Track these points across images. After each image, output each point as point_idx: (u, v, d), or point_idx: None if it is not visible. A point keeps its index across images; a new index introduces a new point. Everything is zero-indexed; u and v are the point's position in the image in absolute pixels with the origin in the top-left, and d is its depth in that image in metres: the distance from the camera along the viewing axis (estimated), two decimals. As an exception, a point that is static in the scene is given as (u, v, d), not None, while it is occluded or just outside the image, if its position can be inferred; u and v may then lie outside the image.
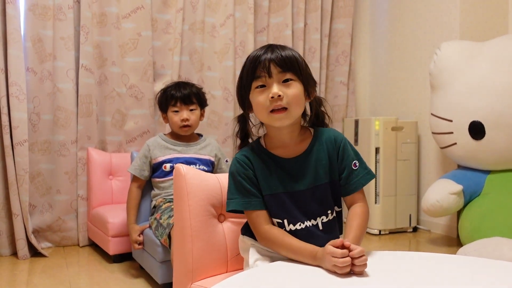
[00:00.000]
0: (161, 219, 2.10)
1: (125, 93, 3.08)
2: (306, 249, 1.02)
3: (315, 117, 1.21)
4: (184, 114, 2.29)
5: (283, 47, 1.10)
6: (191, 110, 2.31)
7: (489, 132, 2.58)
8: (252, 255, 1.18)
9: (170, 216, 2.05)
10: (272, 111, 1.07)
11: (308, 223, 1.13)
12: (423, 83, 3.31)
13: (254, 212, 1.13)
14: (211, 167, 2.38)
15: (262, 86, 1.08)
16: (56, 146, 2.89)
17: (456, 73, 2.73)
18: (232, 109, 3.39)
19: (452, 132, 2.73)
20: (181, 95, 2.29)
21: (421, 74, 3.35)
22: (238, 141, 1.24)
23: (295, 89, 1.08)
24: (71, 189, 2.93)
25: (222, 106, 3.36)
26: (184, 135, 2.34)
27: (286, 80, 1.07)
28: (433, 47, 3.13)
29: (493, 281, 0.89)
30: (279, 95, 1.05)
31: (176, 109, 2.30)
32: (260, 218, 1.12)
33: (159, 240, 2.08)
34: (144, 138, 3.06)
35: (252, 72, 1.08)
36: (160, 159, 2.30)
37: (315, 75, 3.40)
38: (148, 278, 2.32)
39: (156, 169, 2.33)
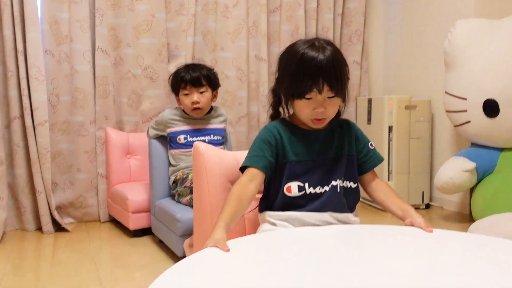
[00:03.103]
0: (191, 184, 2.19)
1: (140, 74, 3.13)
2: (219, 217, 1.09)
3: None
4: (194, 97, 2.35)
5: (334, 68, 1.13)
6: (201, 92, 2.37)
7: (503, 110, 2.58)
8: (264, 227, 1.24)
9: None
10: (313, 120, 1.19)
11: (327, 187, 1.20)
12: (437, 61, 3.30)
13: (253, 168, 1.18)
14: (224, 133, 2.49)
15: (310, 98, 1.15)
16: (75, 127, 2.97)
17: (471, 51, 2.72)
18: (246, 89, 3.43)
19: (466, 110, 2.74)
20: (190, 78, 2.35)
21: (435, 52, 3.34)
22: (271, 111, 1.32)
23: (336, 106, 1.19)
24: (91, 167, 3.02)
25: (236, 86, 3.39)
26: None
27: (331, 97, 1.16)
28: (447, 25, 3.11)
29: (501, 260, 0.93)
30: (324, 107, 1.16)
31: (186, 92, 2.36)
32: (249, 172, 1.17)
33: (180, 201, 2.28)
34: (159, 118, 3.13)
35: (305, 86, 1.13)
36: (174, 129, 2.38)
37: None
38: (168, 251, 2.41)
39: (171, 140, 2.41)
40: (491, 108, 2.61)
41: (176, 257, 2.28)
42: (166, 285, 0.78)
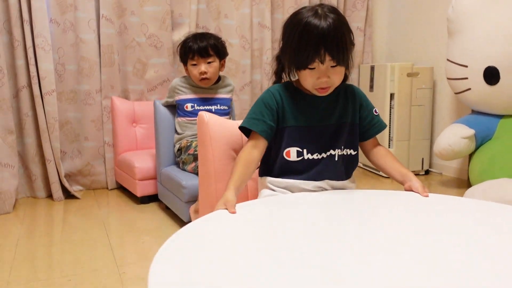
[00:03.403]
0: (195, 151, 2.26)
1: (145, 42, 3.15)
2: (229, 182, 1.15)
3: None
4: (202, 68, 2.38)
5: (336, 36, 1.12)
6: (209, 62, 2.40)
7: (504, 77, 2.61)
8: (264, 193, 1.31)
9: None
10: (318, 89, 1.19)
11: (324, 155, 1.24)
12: (440, 29, 3.30)
13: (254, 133, 1.23)
14: (230, 103, 2.56)
15: (313, 68, 1.16)
16: (82, 96, 3.02)
17: (474, 18, 2.72)
18: (249, 57, 3.45)
19: (467, 78, 2.77)
20: (198, 48, 2.37)
21: (439, 20, 3.33)
22: (274, 78, 1.33)
23: (340, 74, 1.19)
24: (98, 136, 3.09)
25: (240, 55, 3.41)
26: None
27: (334, 66, 1.16)
28: (451, -10, 3.10)
29: (492, 223, 0.99)
30: (328, 76, 1.16)
31: (194, 62, 2.39)
32: (254, 140, 1.22)
33: (185, 169, 2.36)
34: (164, 87, 3.17)
35: (307, 56, 1.14)
36: (182, 97, 2.44)
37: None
38: (174, 217, 2.51)
39: (178, 107, 2.47)
40: (491, 75, 2.63)
41: (182, 223, 2.38)
42: (174, 247, 0.84)
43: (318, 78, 1.16)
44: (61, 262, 1.95)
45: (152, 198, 2.80)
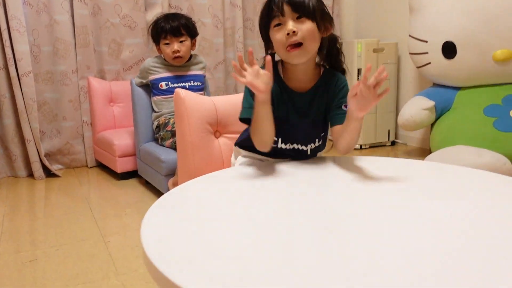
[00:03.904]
0: (173, 128, 2.38)
1: (119, 23, 3.21)
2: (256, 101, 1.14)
3: (329, 55, 1.29)
4: (175, 46, 2.49)
5: None
6: (181, 41, 2.50)
7: (460, 51, 2.79)
8: (239, 160, 1.43)
9: None
10: (289, 48, 1.15)
11: (297, 146, 1.31)
12: (404, 6, 3.45)
13: None
14: (203, 80, 2.67)
15: (279, 24, 1.15)
16: (58, 76, 3.08)
17: (433, -4, 2.88)
18: (222, 36, 3.54)
19: (427, 52, 2.94)
20: (170, 28, 2.47)
21: (402, -4, 3.49)
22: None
23: (309, 25, 1.14)
24: (76, 115, 3.16)
25: (212, 33, 3.50)
26: None
27: (299, 17, 1.14)
28: (413, -31, 3.24)
29: (450, 183, 1.10)
30: (294, 31, 1.12)
31: (167, 41, 2.49)
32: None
33: (163, 144, 2.48)
34: (139, 66, 3.24)
35: (268, 13, 1.18)
36: (156, 76, 2.54)
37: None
38: (154, 190, 2.64)
39: (153, 86, 2.57)
40: (449, 49, 2.81)
41: (162, 195, 2.50)
42: (158, 213, 0.91)
43: (285, 35, 1.13)
44: (47, 235, 2.06)
45: (131, 174, 2.91)
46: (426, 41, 2.92)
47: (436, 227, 0.78)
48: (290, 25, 1.13)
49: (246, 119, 1.24)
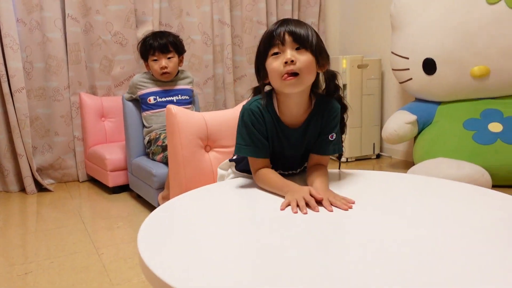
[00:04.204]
0: (163, 143, 2.44)
1: (110, 40, 3.29)
2: (285, 184, 1.13)
3: (328, 91, 1.28)
4: (162, 63, 2.58)
5: (297, 22, 1.18)
6: (169, 58, 2.60)
7: (440, 68, 2.92)
8: (231, 173, 1.49)
9: None
10: (285, 76, 1.14)
11: (289, 172, 1.37)
12: (386, 24, 3.58)
13: (257, 159, 1.27)
14: (191, 94, 2.75)
15: (277, 53, 1.16)
16: (50, 92, 3.14)
17: (413, 14, 3.02)
18: (211, 53, 3.64)
19: (408, 69, 3.07)
20: (158, 45, 2.57)
21: (385, 15, 3.61)
22: (251, 94, 1.34)
23: (307, 56, 1.14)
24: (68, 131, 3.21)
25: (202, 50, 3.60)
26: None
27: (299, 48, 1.15)
28: (395, -11, 3.38)
29: (431, 194, 1.18)
30: (292, 60, 1.13)
31: (155, 58, 2.59)
32: (264, 163, 1.27)
33: (154, 159, 2.52)
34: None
35: (268, 41, 1.20)
36: (144, 91, 2.62)
37: (288, 17, 3.63)
38: (145, 204, 2.69)
39: (142, 101, 2.64)
40: (429, 66, 2.94)
41: (153, 208, 2.55)
42: (153, 225, 0.95)
43: (283, 63, 1.13)
44: (40, 248, 2.11)
45: (123, 188, 2.96)
46: (408, 58, 3.04)
47: (418, 238, 0.83)
48: (289, 54, 1.13)
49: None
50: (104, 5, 3.23)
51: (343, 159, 3.66)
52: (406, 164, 3.52)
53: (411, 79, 3.07)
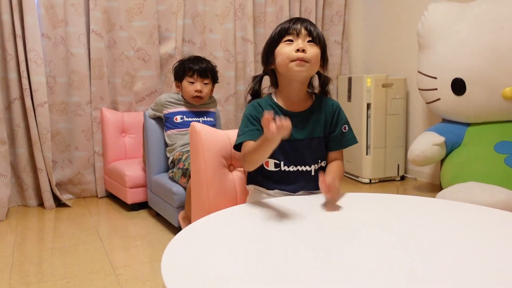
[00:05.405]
0: (184, 166, 2.39)
1: (133, 55, 3.28)
2: (262, 138, 1.16)
3: (322, 90, 1.44)
4: (198, 86, 2.56)
5: (312, 23, 1.33)
6: (205, 83, 2.57)
7: (470, 88, 2.82)
8: (251, 198, 1.45)
9: None
10: (297, 61, 1.27)
11: (300, 168, 1.36)
12: (412, 43, 3.51)
13: (247, 142, 1.31)
14: (215, 116, 2.73)
15: (290, 41, 1.29)
16: (72, 107, 3.13)
17: (441, 33, 2.94)
18: (234, 69, 3.61)
19: (436, 89, 2.97)
20: (199, 68, 2.56)
21: (411, 34, 3.54)
22: (249, 97, 1.46)
23: (316, 50, 1.30)
24: (88, 146, 3.19)
25: (224, 67, 3.57)
26: None
27: (310, 41, 1.29)
28: (422, 7, 3.31)
29: (463, 222, 1.11)
30: (304, 50, 1.27)
31: (192, 80, 2.56)
32: (248, 145, 1.30)
33: (177, 182, 2.43)
34: (152, 98, 3.30)
35: (285, 30, 1.31)
36: (171, 110, 2.58)
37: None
38: (164, 222, 2.63)
39: (167, 120, 2.60)
40: (458, 86, 2.84)
41: (172, 227, 2.50)
42: (176, 252, 0.90)
43: (295, 49, 1.27)
44: (58, 266, 2.05)
45: (142, 205, 2.91)
46: (435, 78, 2.96)
47: (450, 267, 0.78)
48: (301, 43, 1.27)
49: (239, 145, 1.34)
50: (128, 21, 3.24)
51: (366, 180, 3.56)
52: (432, 187, 3.40)
53: (439, 99, 2.97)
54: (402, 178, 3.67)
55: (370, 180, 3.56)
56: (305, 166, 1.36)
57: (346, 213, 1.16)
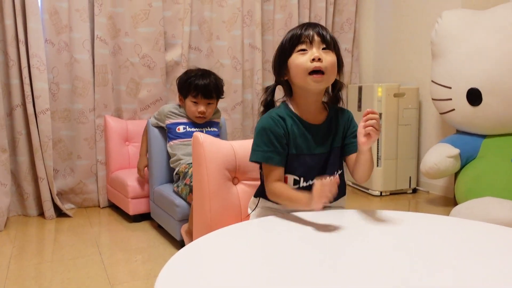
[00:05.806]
0: (191, 182, 2.26)
1: (138, 62, 3.21)
2: (303, 196, 1.14)
3: (334, 98, 1.35)
4: (201, 107, 2.44)
5: (324, 27, 1.25)
6: (209, 103, 2.46)
7: (486, 98, 2.71)
8: (258, 214, 1.35)
9: None
10: (311, 74, 1.20)
11: (312, 182, 1.27)
12: (425, 51, 3.41)
13: (271, 166, 1.24)
14: (218, 126, 2.62)
15: (304, 50, 1.21)
16: (75, 114, 3.06)
17: (456, 41, 2.84)
18: (241, 77, 3.53)
19: (451, 99, 2.86)
20: (203, 86, 2.41)
21: (424, 42, 3.44)
22: (262, 108, 1.37)
23: (332, 57, 1.22)
24: (91, 154, 3.12)
25: (231, 74, 3.49)
26: None
27: (325, 48, 1.21)
28: (435, 15, 3.21)
29: (479, 242, 1.03)
30: (319, 59, 1.19)
31: (195, 100, 2.44)
32: (275, 174, 1.24)
33: (184, 199, 2.30)
34: (157, 106, 3.23)
35: (297, 38, 1.22)
36: (174, 121, 2.49)
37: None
38: (166, 235, 2.53)
39: (169, 131, 2.51)
40: (474, 96, 2.73)
41: (174, 241, 2.40)
42: (175, 270, 0.86)
43: (311, 60, 1.18)
44: (55, 280, 1.96)
45: (144, 217, 2.82)
46: (450, 87, 2.85)
47: None
48: (317, 52, 1.19)
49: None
50: (133, 27, 3.17)
51: (376, 192, 3.44)
52: (445, 201, 3.28)
53: (453, 110, 2.86)
54: (414, 191, 3.55)
55: (381, 192, 3.45)
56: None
57: (355, 235, 1.08)
